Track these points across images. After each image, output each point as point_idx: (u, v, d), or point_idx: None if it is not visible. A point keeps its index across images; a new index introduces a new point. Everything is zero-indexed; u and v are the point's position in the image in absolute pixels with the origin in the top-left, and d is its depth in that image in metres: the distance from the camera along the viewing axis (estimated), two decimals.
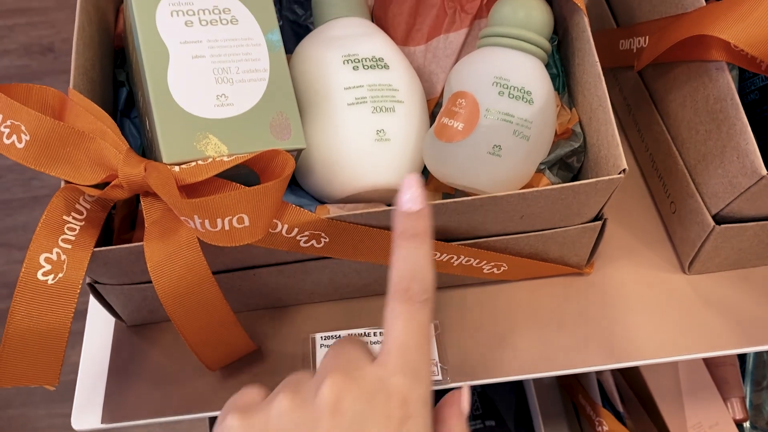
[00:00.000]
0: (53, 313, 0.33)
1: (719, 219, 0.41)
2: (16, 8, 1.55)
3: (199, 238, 0.34)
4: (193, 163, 0.35)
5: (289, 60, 0.43)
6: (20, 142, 0.35)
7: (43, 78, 1.47)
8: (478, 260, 0.40)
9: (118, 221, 0.40)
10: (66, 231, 0.34)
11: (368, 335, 0.43)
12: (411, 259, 0.26)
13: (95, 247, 0.35)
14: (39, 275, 0.33)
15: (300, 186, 0.43)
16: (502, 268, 0.42)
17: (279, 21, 0.46)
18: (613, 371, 0.64)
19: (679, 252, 0.46)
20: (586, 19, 0.40)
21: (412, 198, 0.27)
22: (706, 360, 0.63)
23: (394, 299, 0.26)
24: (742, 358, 0.68)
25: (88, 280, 0.39)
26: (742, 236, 0.41)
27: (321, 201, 0.42)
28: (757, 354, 0.67)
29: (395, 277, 0.26)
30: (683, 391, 0.62)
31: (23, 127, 0.35)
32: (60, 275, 0.33)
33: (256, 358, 0.42)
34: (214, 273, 0.35)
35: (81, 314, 0.39)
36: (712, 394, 0.62)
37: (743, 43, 0.36)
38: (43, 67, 1.48)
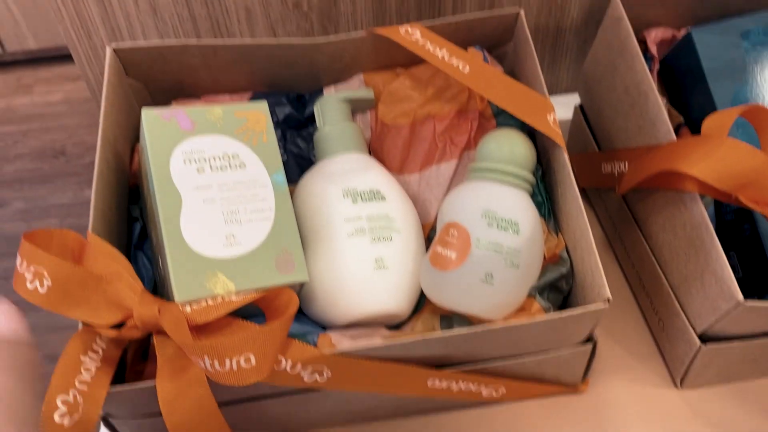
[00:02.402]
0: None
1: (705, 337, 0.43)
2: (31, 114, 1.63)
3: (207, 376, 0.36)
4: (204, 303, 0.37)
5: (293, 191, 0.46)
6: (42, 286, 0.37)
7: (55, 180, 1.52)
8: (476, 385, 0.42)
9: (131, 354, 0.42)
10: (82, 371, 0.36)
11: None
12: None
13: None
14: (56, 417, 0.35)
15: (303, 313, 0.45)
16: (501, 391, 0.43)
17: (284, 155, 0.50)
18: None
19: (671, 367, 0.47)
20: (565, 155, 0.43)
21: None
22: None
23: None
24: None
25: (102, 413, 0.40)
26: (729, 354, 0.43)
27: (324, 327, 0.44)
28: None
29: None
30: None
31: (46, 273, 0.37)
32: (76, 416, 0.35)
33: None
34: (220, 404, 0.37)
35: None
36: None
37: (710, 178, 0.39)
38: (55, 169, 1.54)
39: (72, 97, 1.67)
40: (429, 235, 0.48)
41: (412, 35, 0.46)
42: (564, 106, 0.57)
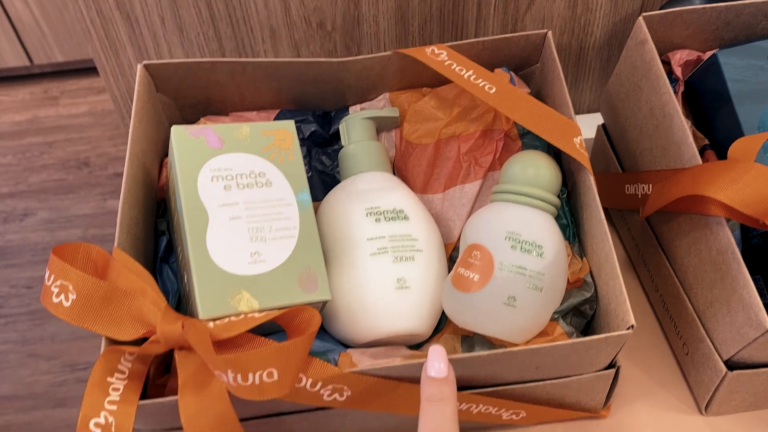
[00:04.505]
0: None
1: (731, 364, 0.42)
2: (56, 126, 1.66)
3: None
4: (227, 320, 0.37)
5: (316, 208, 0.46)
6: (67, 300, 0.38)
7: (78, 191, 1.54)
8: (496, 408, 0.41)
9: (153, 368, 0.42)
10: (111, 392, 0.36)
11: None
12: (437, 420, 0.29)
13: None
14: None
15: (325, 330, 0.45)
16: (521, 415, 0.43)
17: (308, 171, 0.50)
18: None
19: (695, 393, 0.46)
20: (591, 178, 0.43)
21: (438, 368, 0.30)
22: None
23: None
24: None
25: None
26: (756, 381, 0.42)
27: (345, 345, 0.44)
28: None
29: None
30: None
31: (71, 287, 0.38)
32: None
33: None
34: (241, 420, 0.37)
35: None
36: None
37: (738, 203, 0.38)
38: (79, 180, 1.56)
39: (96, 109, 1.70)
40: (452, 255, 0.48)
41: (438, 56, 0.46)
42: (586, 126, 0.56)
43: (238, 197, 0.41)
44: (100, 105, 1.70)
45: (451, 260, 0.47)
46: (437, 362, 0.31)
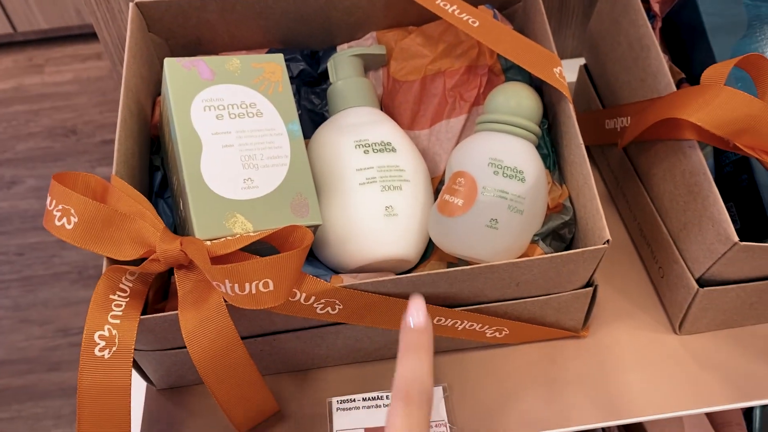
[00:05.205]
0: (115, 380, 0.37)
1: (703, 282, 0.44)
2: (42, 94, 1.65)
3: (227, 307, 0.38)
4: (223, 239, 0.39)
5: (307, 145, 0.48)
6: (69, 223, 0.39)
7: (66, 159, 1.54)
8: (480, 325, 0.43)
9: (152, 293, 0.44)
10: (113, 308, 0.38)
11: (380, 398, 0.46)
12: (413, 368, 0.31)
13: None
14: (96, 352, 0.37)
15: (317, 258, 0.47)
16: (504, 332, 0.45)
17: (298, 110, 0.51)
18: None
19: (670, 314, 0.49)
20: (571, 106, 0.44)
21: (417, 316, 0.32)
22: (712, 420, 0.65)
23: (396, 400, 0.31)
24: (748, 417, 0.70)
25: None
26: (726, 297, 0.45)
27: (336, 271, 0.46)
28: (764, 413, 0.68)
29: (398, 381, 0.31)
30: None
31: (72, 211, 0.39)
32: (114, 348, 0.37)
33: (278, 420, 0.45)
34: None
35: None
36: None
37: (709, 125, 0.40)
38: (66, 148, 1.56)
39: (82, 76, 1.69)
40: (437, 188, 0.49)
41: None
42: (569, 71, 0.58)
43: (230, 126, 0.43)
44: (86, 72, 1.69)
45: (437, 193, 0.49)
46: (416, 311, 0.33)
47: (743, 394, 0.45)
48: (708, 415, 0.63)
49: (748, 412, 0.67)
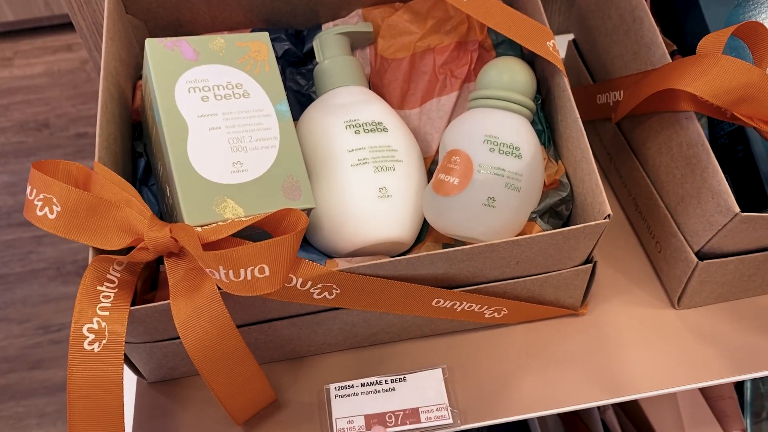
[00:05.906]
0: (106, 374, 0.36)
1: (702, 255, 0.44)
2: (11, 87, 1.60)
3: (221, 294, 0.37)
4: (214, 224, 0.38)
5: (295, 127, 0.46)
6: (52, 213, 0.38)
7: (39, 153, 1.50)
8: (479, 305, 0.43)
9: (140, 284, 0.42)
10: (102, 299, 0.37)
11: (379, 383, 0.45)
12: None
13: None
14: (85, 345, 0.36)
15: (309, 243, 0.45)
16: (503, 312, 0.44)
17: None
18: (616, 410, 0.66)
19: (668, 288, 0.48)
20: (565, 80, 0.44)
21: None
22: (705, 394, 0.65)
23: None
24: (739, 390, 0.70)
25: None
26: (725, 270, 0.44)
27: (330, 256, 0.45)
28: (755, 386, 0.69)
29: None
30: (685, 427, 0.63)
31: (54, 200, 0.37)
32: (104, 341, 0.36)
33: (275, 409, 0.44)
34: None
35: None
36: (713, 428, 0.64)
37: (707, 94, 0.39)
38: (39, 142, 1.52)
39: (53, 69, 1.65)
40: (430, 168, 0.48)
41: None
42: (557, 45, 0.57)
43: (217, 108, 0.41)
44: (57, 65, 1.65)
45: (430, 173, 0.48)
46: None
47: (741, 368, 0.45)
48: (701, 388, 0.63)
49: (739, 385, 0.67)
